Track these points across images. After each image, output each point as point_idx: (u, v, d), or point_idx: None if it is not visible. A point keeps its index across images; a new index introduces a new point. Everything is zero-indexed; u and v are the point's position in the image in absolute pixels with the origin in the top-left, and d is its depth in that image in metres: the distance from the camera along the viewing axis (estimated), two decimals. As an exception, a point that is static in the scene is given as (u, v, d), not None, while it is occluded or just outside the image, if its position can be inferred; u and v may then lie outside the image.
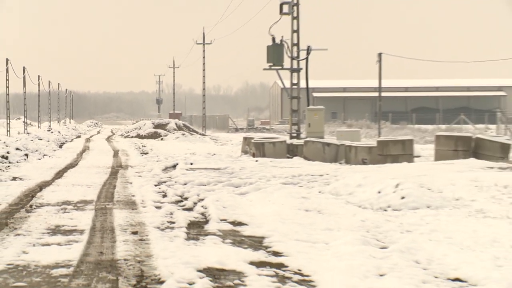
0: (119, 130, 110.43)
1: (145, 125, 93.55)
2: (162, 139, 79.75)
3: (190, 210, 20.71)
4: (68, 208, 21.44)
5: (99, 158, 47.02)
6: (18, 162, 39.42)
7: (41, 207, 21.54)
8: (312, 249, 14.38)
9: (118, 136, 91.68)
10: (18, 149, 44.10)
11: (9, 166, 36.72)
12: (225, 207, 20.36)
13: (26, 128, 78.86)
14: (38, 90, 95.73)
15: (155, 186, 27.29)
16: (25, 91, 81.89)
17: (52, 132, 78.60)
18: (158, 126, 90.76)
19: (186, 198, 23.39)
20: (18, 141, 49.53)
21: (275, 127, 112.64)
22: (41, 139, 59.80)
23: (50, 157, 47.09)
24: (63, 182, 29.68)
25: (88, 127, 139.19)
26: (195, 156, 44.42)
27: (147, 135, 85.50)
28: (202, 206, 20.79)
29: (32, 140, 55.66)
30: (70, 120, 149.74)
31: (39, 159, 43.79)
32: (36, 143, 52.93)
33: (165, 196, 24.22)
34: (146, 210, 20.49)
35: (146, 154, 50.16)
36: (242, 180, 28.79)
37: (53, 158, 45.86)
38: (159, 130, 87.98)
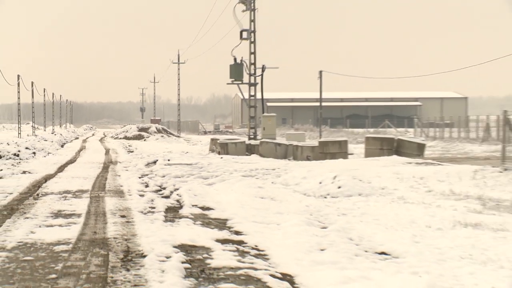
0: (110, 133, 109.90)
1: (131, 128, 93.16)
2: (145, 140, 79.40)
3: (167, 197, 20.63)
4: (68, 196, 21.33)
5: (94, 156, 46.80)
6: (27, 159, 39.17)
7: (46, 195, 21.42)
8: (266, 229, 14.37)
9: (109, 137, 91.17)
10: (27, 148, 43.83)
11: (19, 162, 36.52)
12: (196, 195, 20.31)
13: (34, 131, 78.27)
14: (44, 100, 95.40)
15: (139, 178, 27.19)
16: (33, 101, 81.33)
17: (55, 134, 78.33)
18: (141, 129, 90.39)
19: (164, 188, 23.30)
20: (27, 142, 49.25)
21: (237, 130, 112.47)
22: (46, 140, 59.53)
23: (53, 155, 46.91)
24: (64, 175, 29.54)
25: (84, 131, 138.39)
26: (172, 154, 44.28)
27: (133, 137, 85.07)
28: (177, 194, 20.73)
29: (38, 141, 55.44)
30: (70, 124, 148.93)
31: (44, 156, 43.56)
32: (42, 143, 52.63)
33: (147, 186, 24.13)
34: (131, 198, 20.40)
35: (132, 152, 49.92)
36: (209, 173, 28.79)
37: (56, 156, 45.66)
38: (143, 133, 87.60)
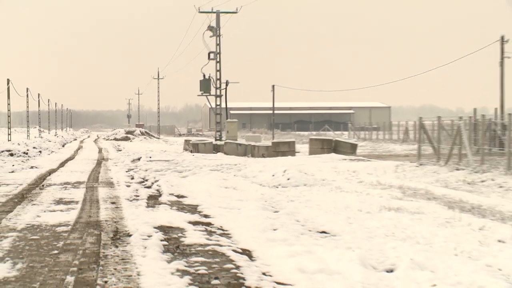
0: (102, 135, 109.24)
1: (119, 132, 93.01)
2: (131, 141, 79.11)
3: (149, 187, 20.52)
4: (68, 186, 21.18)
5: (89, 154, 46.57)
6: (34, 156, 38.92)
7: (49, 186, 21.24)
8: (229, 213, 14.35)
9: (102, 139, 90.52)
10: (34, 147, 43.61)
11: (28, 159, 36.28)
12: (172, 186, 20.24)
13: (40, 134, 77.52)
14: (48, 108, 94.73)
15: (126, 172, 27.02)
16: (39, 109, 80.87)
17: (57, 136, 77.80)
18: (128, 132, 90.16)
19: (146, 180, 23.18)
20: (34, 142, 49.00)
21: (206, 133, 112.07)
22: (50, 141, 59.15)
23: (56, 153, 46.59)
24: (65, 170, 29.34)
25: (81, 133, 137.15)
26: (153, 152, 44.13)
27: (121, 138, 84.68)
28: (157, 185, 20.63)
29: (44, 142, 55.07)
30: (69, 128, 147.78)
31: (49, 154, 43.33)
32: (46, 144, 52.32)
33: (132, 178, 23.99)
34: (120, 188, 20.27)
35: (120, 151, 49.66)
36: (183, 168, 28.73)
37: (58, 154, 45.37)
38: (129, 135, 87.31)
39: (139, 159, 35.50)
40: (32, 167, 30.24)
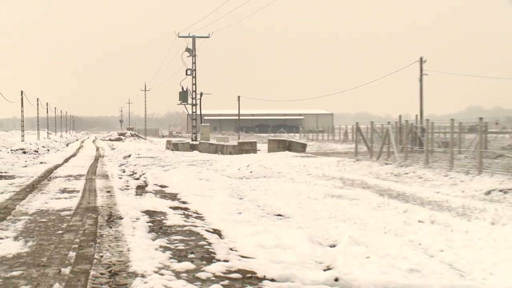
0: (99, 136, 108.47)
1: (113, 134, 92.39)
2: (123, 141, 78.40)
3: (137, 179, 20.34)
4: (71, 178, 20.89)
5: (88, 152, 46.14)
6: (43, 154, 38.43)
7: (56, 178, 20.93)
8: (203, 200, 14.29)
9: (99, 140, 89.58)
10: (43, 147, 43.25)
11: (38, 156, 35.81)
12: (156, 178, 20.08)
13: (48, 135, 76.55)
14: (55, 114, 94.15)
15: (119, 166, 26.78)
16: (47, 116, 79.91)
17: (62, 137, 76.99)
18: (121, 134, 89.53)
19: (135, 173, 22.97)
20: (43, 142, 48.64)
21: (184, 135, 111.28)
22: (56, 141, 58.50)
23: (61, 151, 46.10)
24: (68, 165, 28.98)
25: (82, 135, 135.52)
26: (141, 150, 43.76)
27: (115, 139, 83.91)
28: (144, 177, 20.45)
29: (51, 142, 54.58)
30: (72, 131, 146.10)
31: (55, 152, 42.83)
32: (53, 144, 51.82)
33: (124, 172, 23.77)
34: (113, 179, 20.07)
35: (114, 149, 49.25)
36: (165, 163, 28.54)
37: (62, 152, 44.89)
38: (121, 137, 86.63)
39: (130, 156, 35.19)
40: (41, 163, 29.85)
